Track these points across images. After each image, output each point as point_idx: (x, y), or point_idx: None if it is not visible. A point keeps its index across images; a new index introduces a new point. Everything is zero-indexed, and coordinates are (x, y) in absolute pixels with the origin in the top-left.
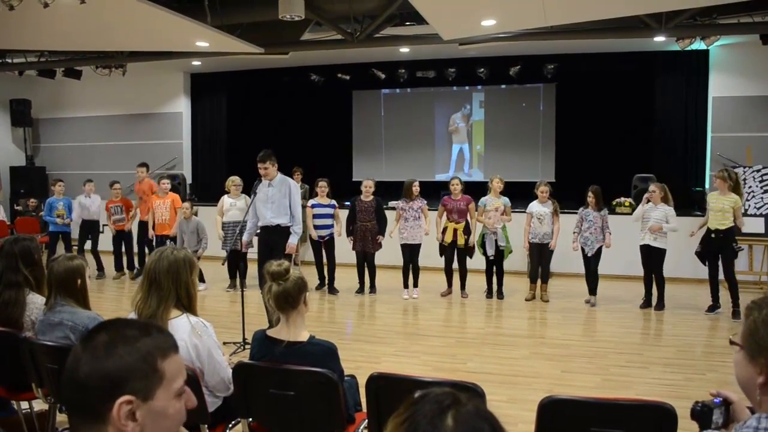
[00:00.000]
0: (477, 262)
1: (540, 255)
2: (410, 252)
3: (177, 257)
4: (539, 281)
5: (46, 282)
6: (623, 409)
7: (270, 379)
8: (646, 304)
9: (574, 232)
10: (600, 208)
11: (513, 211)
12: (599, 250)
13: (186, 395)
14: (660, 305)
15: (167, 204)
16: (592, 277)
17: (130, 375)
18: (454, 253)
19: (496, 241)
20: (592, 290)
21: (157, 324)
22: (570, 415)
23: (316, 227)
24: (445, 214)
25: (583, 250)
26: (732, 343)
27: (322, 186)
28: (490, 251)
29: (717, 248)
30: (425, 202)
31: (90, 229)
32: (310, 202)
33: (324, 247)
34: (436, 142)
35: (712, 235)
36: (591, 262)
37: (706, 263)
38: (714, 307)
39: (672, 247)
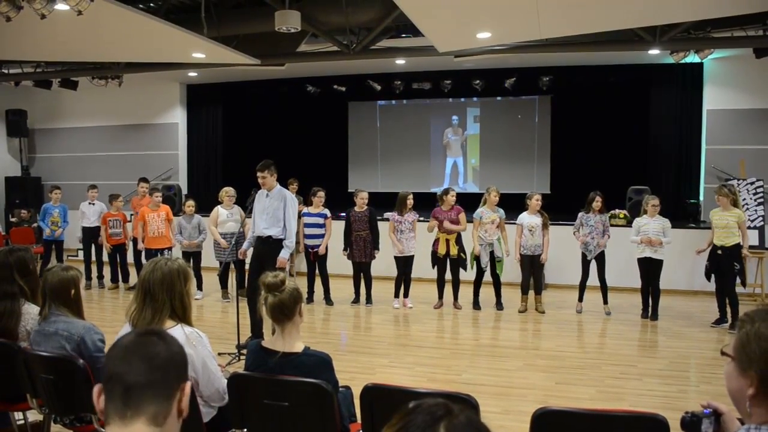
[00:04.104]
0: (470, 273)
1: (532, 266)
2: (405, 263)
3: (171, 268)
4: (532, 293)
5: (40, 292)
6: (616, 420)
7: (265, 390)
8: (646, 314)
9: (574, 233)
10: (602, 213)
11: (507, 223)
12: (602, 255)
13: None
14: (654, 315)
15: (162, 216)
16: (602, 287)
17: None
18: (447, 264)
19: (492, 252)
20: (605, 299)
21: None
22: (563, 426)
23: (307, 236)
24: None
25: (584, 255)
26: (723, 354)
27: (321, 195)
28: (484, 262)
29: (723, 265)
30: (417, 215)
31: (92, 236)
32: (302, 211)
33: (314, 258)
34: (431, 154)
35: (719, 252)
36: (597, 270)
37: (711, 279)
38: (720, 320)
39: (666, 260)
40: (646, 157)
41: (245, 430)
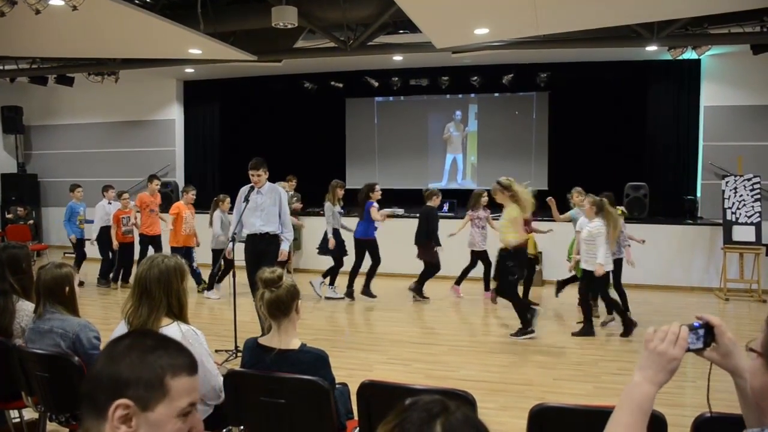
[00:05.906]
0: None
1: None
2: (479, 256)
3: (168, 265)
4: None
5: (34, 290)
6: None
7: (261, 387)
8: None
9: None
10: None
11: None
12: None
13: (192, 418)
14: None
15: (193, 214)
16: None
17: (135, 382)
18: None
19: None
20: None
21: (181, 344)
22: (561, 422)
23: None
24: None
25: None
26: (750, 350)
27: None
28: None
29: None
30: (489, 211)
31: (108, 236)
32: (376, 205)
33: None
34: (429, 150)
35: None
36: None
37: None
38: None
39: (661, 256)
40: (643, 154)
41: (242, 427)
